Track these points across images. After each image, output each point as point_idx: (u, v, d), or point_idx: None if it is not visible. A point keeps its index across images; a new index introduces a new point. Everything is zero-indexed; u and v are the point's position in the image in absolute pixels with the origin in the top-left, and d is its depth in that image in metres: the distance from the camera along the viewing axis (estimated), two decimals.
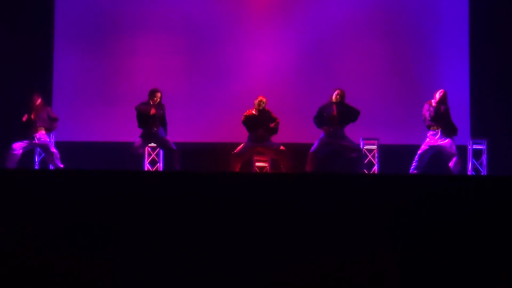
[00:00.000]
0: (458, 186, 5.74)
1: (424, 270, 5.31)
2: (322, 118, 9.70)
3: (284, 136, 10.21)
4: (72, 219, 5.48)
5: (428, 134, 9.60)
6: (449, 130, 9.52)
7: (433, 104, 9.55)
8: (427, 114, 9.57)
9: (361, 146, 10.22)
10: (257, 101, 9.71)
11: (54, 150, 9.91)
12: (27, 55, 11.16)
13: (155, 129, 9.58)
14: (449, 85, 10.76)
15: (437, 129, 9.51)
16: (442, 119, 9.53)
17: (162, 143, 9.71)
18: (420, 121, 9.77)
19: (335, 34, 11.28)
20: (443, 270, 5.31)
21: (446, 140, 9.47)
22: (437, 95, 9.56)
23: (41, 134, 9.87)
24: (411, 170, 9.58)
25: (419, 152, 9.57)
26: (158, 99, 9.65)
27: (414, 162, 9.57)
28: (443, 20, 11.31)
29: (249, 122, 9.70)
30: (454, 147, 9.46)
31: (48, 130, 9.99)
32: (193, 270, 5.32)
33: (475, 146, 10.22)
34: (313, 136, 9.86)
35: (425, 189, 5.68)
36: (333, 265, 5.27)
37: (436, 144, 9.49)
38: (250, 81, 10.55)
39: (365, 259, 5.26)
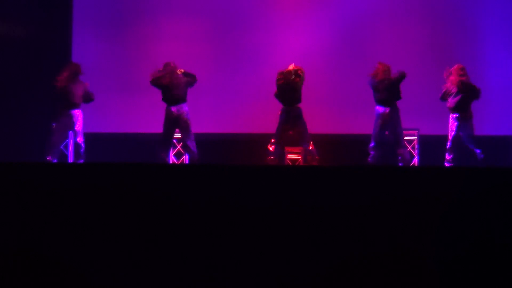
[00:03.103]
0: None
1: (466, 270, 5.17)
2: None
3: (318, 126, 10.01)
4: (71, 217, 5.44)
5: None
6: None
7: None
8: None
9: None
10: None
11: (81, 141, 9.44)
12: (44, 42, 10.96)
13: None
14: (495, 72, 10.61)
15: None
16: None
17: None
18: None
19: (372, 17, 11.00)
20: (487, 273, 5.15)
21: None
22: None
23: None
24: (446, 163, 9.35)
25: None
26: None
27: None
28: (489, 1, 10.95)
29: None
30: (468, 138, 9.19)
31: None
32: (193, 270, 5.29)
33: None
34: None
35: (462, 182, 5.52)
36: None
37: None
38: (281, 68, 9.96)
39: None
